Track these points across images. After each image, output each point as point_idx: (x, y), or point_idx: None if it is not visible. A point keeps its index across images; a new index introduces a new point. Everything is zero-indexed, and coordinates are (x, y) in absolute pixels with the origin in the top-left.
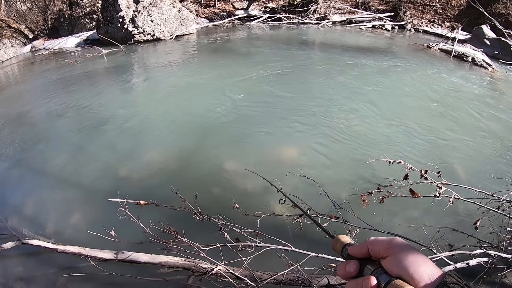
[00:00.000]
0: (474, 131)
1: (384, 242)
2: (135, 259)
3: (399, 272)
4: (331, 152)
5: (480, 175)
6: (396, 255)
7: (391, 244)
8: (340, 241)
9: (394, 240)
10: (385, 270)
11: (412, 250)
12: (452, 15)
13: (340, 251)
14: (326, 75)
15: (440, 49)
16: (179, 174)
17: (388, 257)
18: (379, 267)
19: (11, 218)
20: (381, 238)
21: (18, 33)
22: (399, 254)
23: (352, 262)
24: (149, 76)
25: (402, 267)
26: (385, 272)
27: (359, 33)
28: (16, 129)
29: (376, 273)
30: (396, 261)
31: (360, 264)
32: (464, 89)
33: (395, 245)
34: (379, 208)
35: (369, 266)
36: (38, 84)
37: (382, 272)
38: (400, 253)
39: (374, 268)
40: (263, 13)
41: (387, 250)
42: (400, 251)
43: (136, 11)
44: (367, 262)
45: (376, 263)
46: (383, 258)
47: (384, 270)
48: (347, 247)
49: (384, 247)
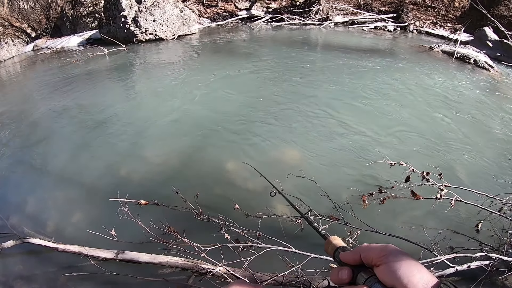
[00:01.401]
0: (476, 133)
1: (377, 250)
2: (136, 259)
3: (392, 282)
4: (332, 153)
5: (482, 177)
6: (389, 264)
7: (384, 252)
8: (331, 244)
9: (388, 247)
10: (379, 279)
11: (406, 257)
12: (454, 16)
13: (332, 254)
14: (328, 76)
15: (442, 51)
16: (180, 174)
17: (382, 266)
18: (373, 275)
19: (11, 217)
20: (373, 246)
21: (21, 32)
22: (392, 263)
23: (344, 269)
24: (151, 76)
25: (396, 277)
26: (379, 281)
27: (361, 34)
28: (18, 127)
29: (369, 282)
30: (390, 270)
31: (353, 271)
32: (466, 91)
33: (388, 252)
34: (380, 210)
35: (362, 274)
36: (40, 83)
37: (376, 281)
38: (394, 261)
39: (368, 277)
40: (265, 14)
41: (380, 258)
42: (394, 259)
43: (138, 10)
44: (360, 269)
45: (369, 271)
46: (376, 266)
47: (377, 279)
48: (339, 250)
49: (377, 255)
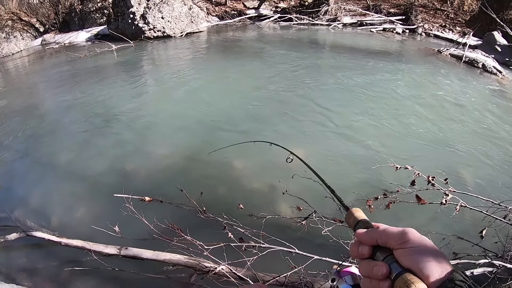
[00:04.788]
0: (483, 139)
1: (395, 237)
2: (138, 255)
3: (409, 264)
4: (338, 155)
5: (487, 183)
6: (407, 249)
7: (403, 239)
8: (353, 216)
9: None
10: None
11: (425, 242)
12: (463, 20)
13: (353, 227)
14: (335, 78)
15: (450, 54)
16: (185, 172)
17: (400, 250)
18: (391, 254)
19: (16, 210)
20: (391, 232)
21: (29, 26)
22: (410, 249)
23: (366, 246)
24: (159, 73)
25: (413, 260)
26: (396, 260)
27: (369, 35)
28: (25, 121)
29: (387, 260)
30: (407, 254)
31: (372, 247)
32: (474, 96)
33: (407, 240)
34: (384, 213)
35: (379, 253)
36: (48, 77)
37: (394, 261)
38: (412, 247)
39: (385, 255)
40: (273, 13)
41: (399, 244)
42: (412, 245)
43: (147, 7)
44: (378, 248)
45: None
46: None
47: (395, 258)
48: (360, 224)
49: (395, 242)
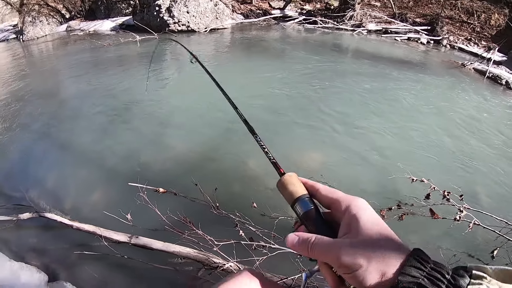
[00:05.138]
0: (502, 157)
1: (329, 254)
2: (148, 245)
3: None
4: (354, 162)
5: (503, 203)
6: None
7: (350, 213)
8: (288, 190)
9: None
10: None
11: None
12: (489, 34)
13: (292, 204)
14: (356, 84)
15: (474, 69)
16: (201, 167)
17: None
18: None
19: (31, 190)
20: (323, 244)
21: (55, 12)
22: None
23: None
24: (181, 66)
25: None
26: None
27: (393, 44)
28: (46, 104)
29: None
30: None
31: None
32: (495, 113)
33: (340, 255)
34: (396, 224)
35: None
36: (71, 63)
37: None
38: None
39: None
40: (298, 15)
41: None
42: (359, 231)
43: (173, 1)
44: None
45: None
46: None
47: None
48: (298, 206)
49: (333, 260)
